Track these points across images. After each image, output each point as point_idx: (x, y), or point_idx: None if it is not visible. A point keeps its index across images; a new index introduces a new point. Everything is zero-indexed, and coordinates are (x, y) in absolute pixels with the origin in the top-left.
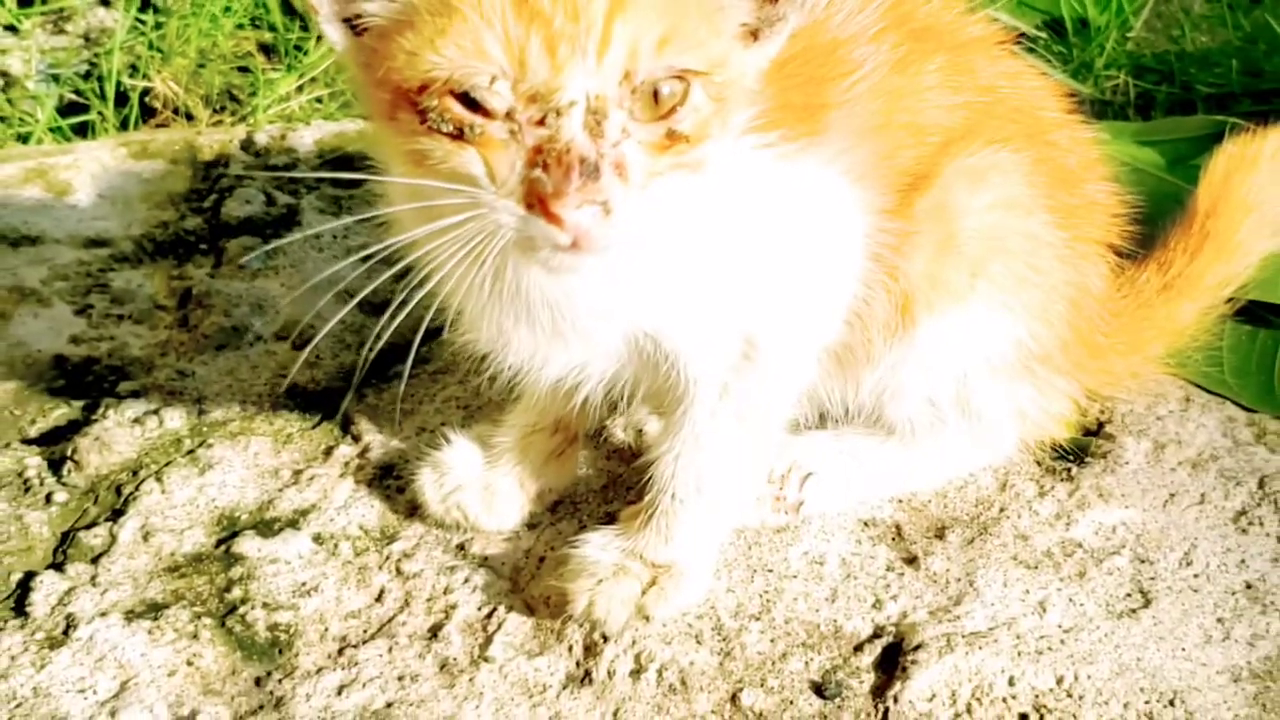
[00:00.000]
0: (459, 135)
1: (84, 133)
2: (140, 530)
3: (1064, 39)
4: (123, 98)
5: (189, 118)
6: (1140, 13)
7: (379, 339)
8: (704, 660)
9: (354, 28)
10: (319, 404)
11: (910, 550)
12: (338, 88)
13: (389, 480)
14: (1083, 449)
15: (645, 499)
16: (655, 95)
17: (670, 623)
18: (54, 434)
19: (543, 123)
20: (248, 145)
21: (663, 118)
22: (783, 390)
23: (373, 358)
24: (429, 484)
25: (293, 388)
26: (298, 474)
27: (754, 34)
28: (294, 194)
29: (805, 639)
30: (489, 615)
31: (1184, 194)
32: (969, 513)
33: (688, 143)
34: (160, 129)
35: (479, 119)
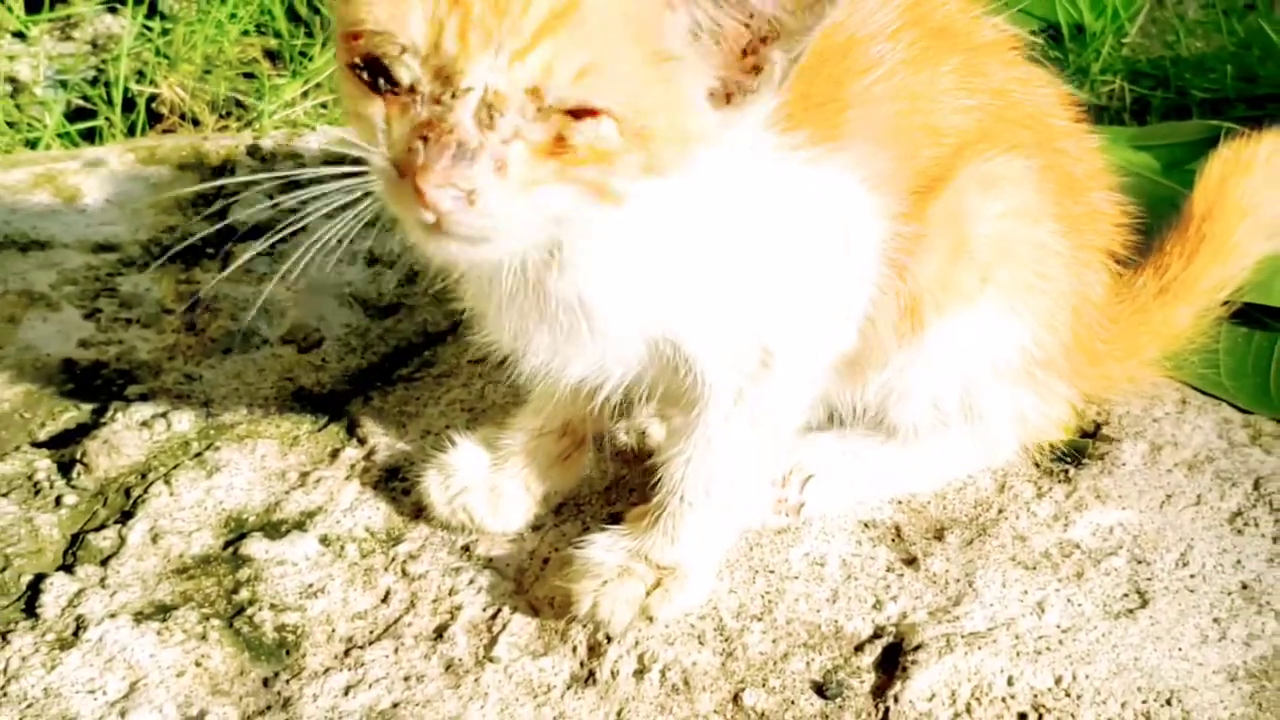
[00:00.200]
0: (374, 86)
1: (92, 138)
2: (149, 532)
3: (1061, 45)
4: (130, 104)
5: (195, 123)
6: (1136, 19)
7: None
8: (706, 660)
9: None
10: (325, 407)
11: (910, 551)
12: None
13: (395, 482)
14: (1080, 451)
15: (653, 500)
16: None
17: (673, 623)
18: (63, 437)
19: (439, 101)
20: (254, 151)
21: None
22: (797, 398)
23: (378, 361)
24: (435, 486)
25: (299, 391)
26: (304, 476)
27: (727, 97)
28: (300, 199)
29: (806, 639)
30: (494, 616)
31: (1180, 198)
32: (968, 514)
33: (574, 154)
34: (167, 135)
35: (384, 82)
